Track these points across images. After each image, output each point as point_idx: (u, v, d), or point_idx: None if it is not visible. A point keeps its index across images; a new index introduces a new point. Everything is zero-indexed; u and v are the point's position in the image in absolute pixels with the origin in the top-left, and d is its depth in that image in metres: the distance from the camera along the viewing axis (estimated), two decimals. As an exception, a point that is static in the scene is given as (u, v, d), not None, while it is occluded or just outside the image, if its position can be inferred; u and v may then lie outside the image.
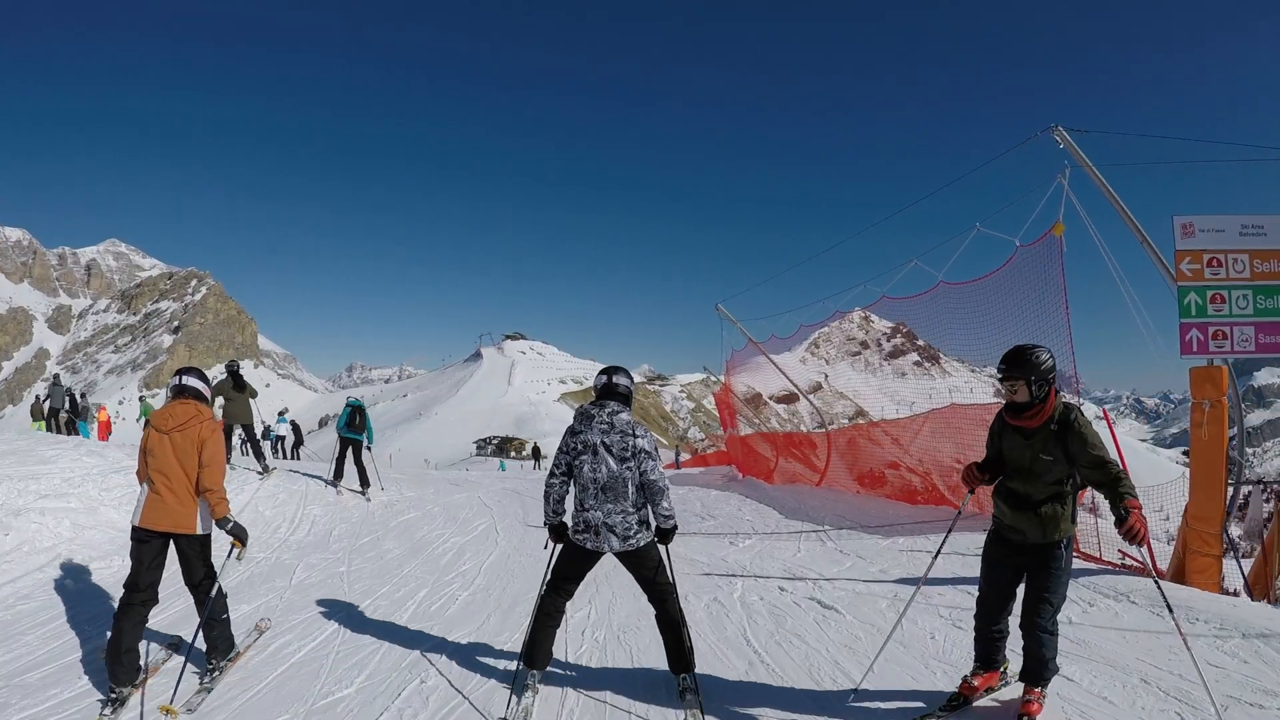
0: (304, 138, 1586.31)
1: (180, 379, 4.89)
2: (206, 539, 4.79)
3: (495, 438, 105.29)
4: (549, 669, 4.78)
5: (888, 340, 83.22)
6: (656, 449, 4.48)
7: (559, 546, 4.66)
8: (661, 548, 4.64)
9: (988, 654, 4.53)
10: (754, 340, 17.73)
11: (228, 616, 4.94)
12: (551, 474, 4.54)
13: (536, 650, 4.46)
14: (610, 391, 4.56)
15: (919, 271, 11.85)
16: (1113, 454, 4.38)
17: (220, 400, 12.62)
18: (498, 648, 5.47)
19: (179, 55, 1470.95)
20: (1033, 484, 4.18)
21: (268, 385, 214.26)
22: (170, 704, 4.27)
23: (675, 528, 4.60)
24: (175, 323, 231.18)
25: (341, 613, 6.28)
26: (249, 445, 12.98)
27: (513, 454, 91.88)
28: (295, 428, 26.41)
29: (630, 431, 4.36)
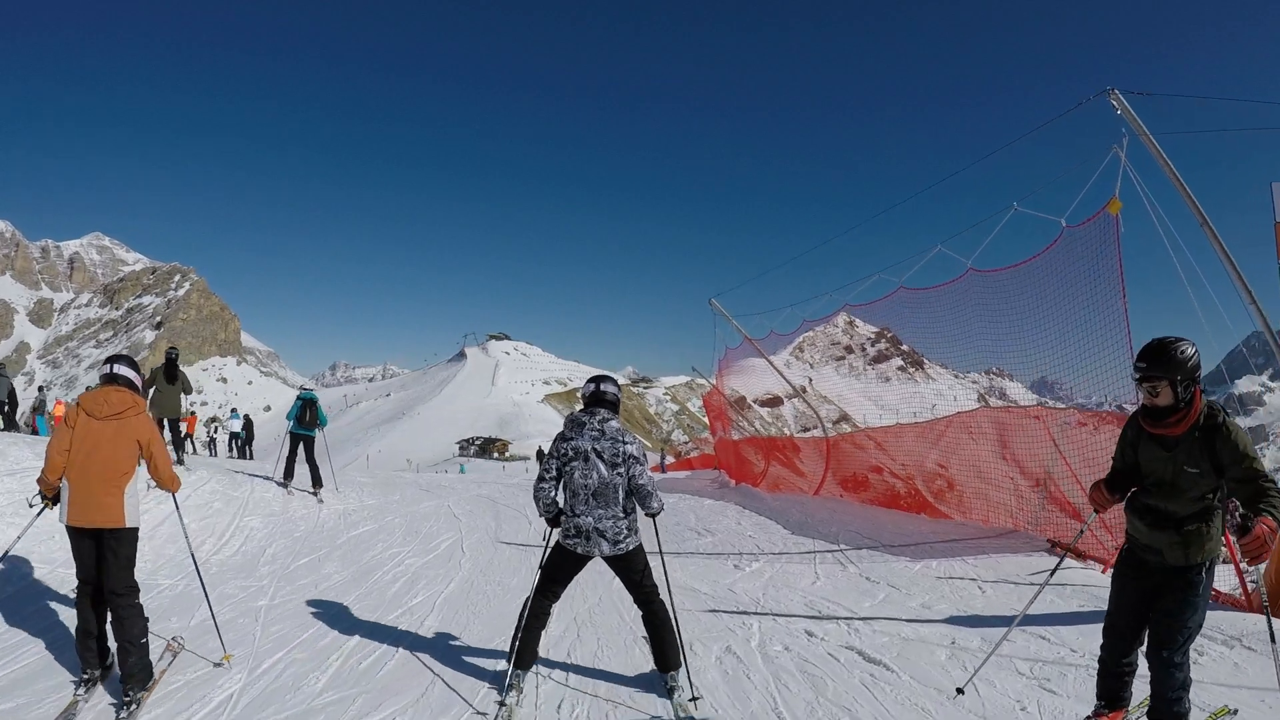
0: (290, 136, 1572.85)
1: (112, 367, 4.59)
2: (135, 534, 4.45)
3: (478, 438, 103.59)
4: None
5: (872, 345, 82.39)
6: (645, 455, 4.51)
7: (550, 549, 4.63)
8: (647, 549, 4.63)
9: (1114, 690, 3.90)
10: (749, 337, 16.32)
11: (147, 641, 4.37)
12: (541, 478, 4.50)
13: (523, 651, 4.39)
14: (599, 399, 4.54)
15: (945, 260, 10.44)
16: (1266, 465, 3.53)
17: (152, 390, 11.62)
18: (442, 731, 3.93)
19: (165, 52, 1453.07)
20: (1176, 500, 3.54)
21: (250, 383, 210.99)
22: None
23: (662, 507, 4.58)
24: (158, 318, 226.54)
25: (238, 673, 4.67)
26: (171, 435, 11.84)
27: (495, 455, 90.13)
28: (248, 424, 24.81)
29: (620, 438, 4.39)
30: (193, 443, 28.23)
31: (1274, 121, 7.91)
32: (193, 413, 32.50)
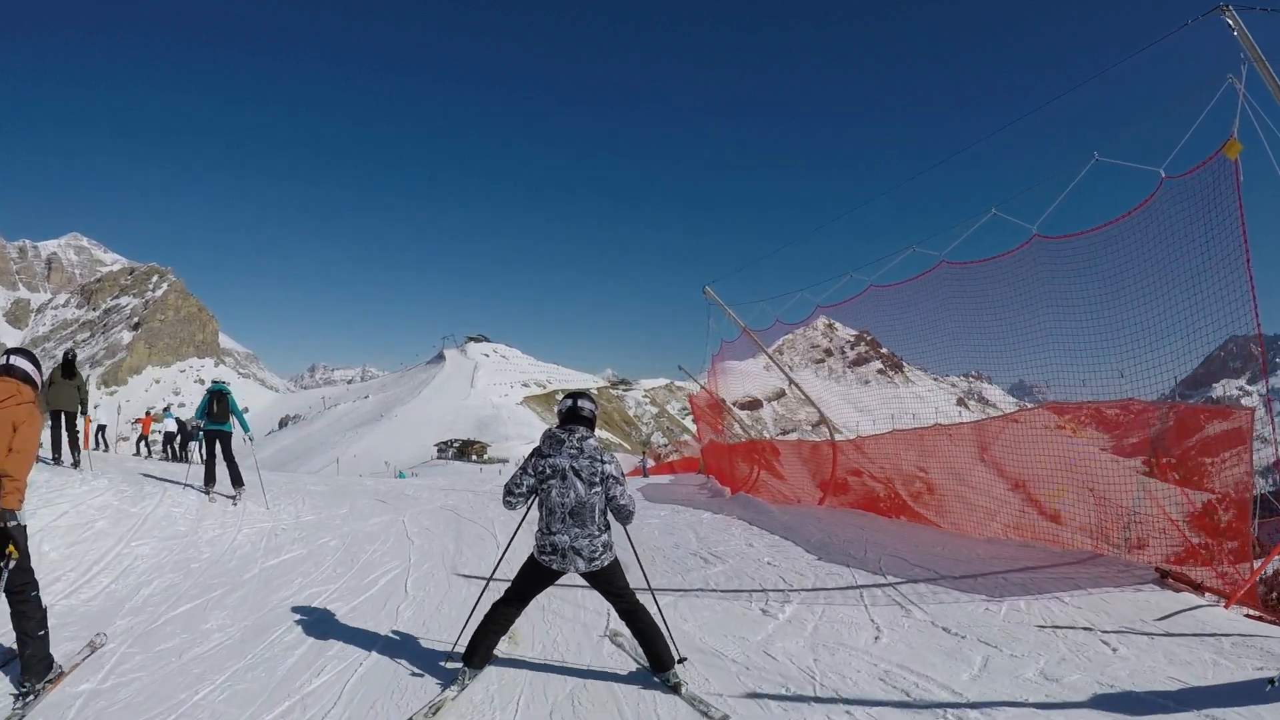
0: (270, 136, 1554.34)
1: (8, 358, 4.27)
2: (21, 530, 4.00)
3: (456, 441, 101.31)
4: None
5: (851, 348, 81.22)
6: (623, 474, 4.30)
7: (526, 563, 4.30)
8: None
9: None
10: (747, 329, 14.38)
11: (45, 633, 4.13)
12: (511, 491, 4.23)
13: (476, 652, 4.20)
14: (575, 415, 4.32)
15: (1000, 226, 8.54)
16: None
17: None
18: None
19: (145, 51, 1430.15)
20: None
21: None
22: None
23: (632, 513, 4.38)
24: (135, 319, 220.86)
25: None
26: (66, 434, 10.74)
27: (473, 457, 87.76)
28: (181, 425, 22.54)
29: (599, 457, 4.21)
30: (147, 445, 25.92)
31: None
32: (149, 413, 30.01)
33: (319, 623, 5.33)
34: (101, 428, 24.90)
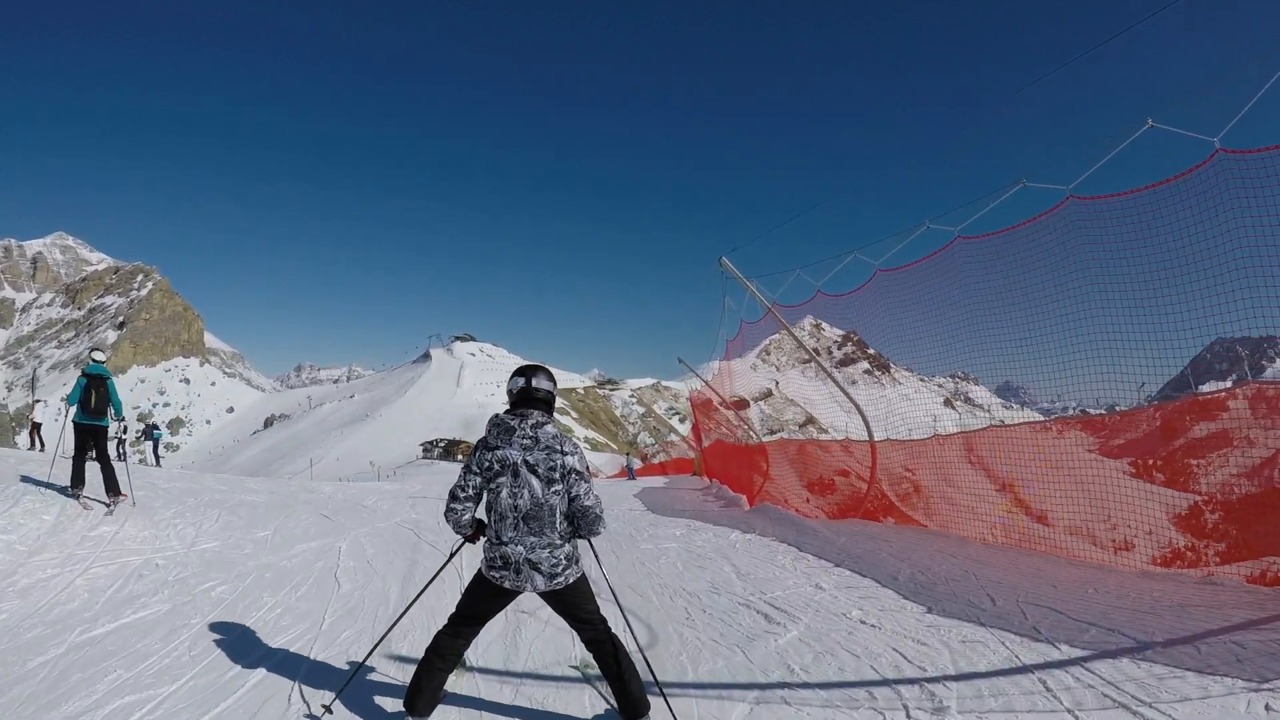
0: (257, 135, 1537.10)
1: None
2: None
3: (442, 440, 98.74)
4: None
5: (838, 348, 79.12)
6: (588, 468, 3.42)
7: (473, 580, 3.45)
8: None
9: None
10: (770, 306, 11.86)
11: None
12: (455, 496, 3.32)
13: (419, 696, 3.30)
14: (529, 397, 3.40)
15: (1148, 149, 6.13)
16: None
17: None
18: None
19: (131, 50, 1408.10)
20: None
21: (213, 384, 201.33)
22: None
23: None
24: (120, 318, 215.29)
25: None
26: None
27: (458, 457, 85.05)
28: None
29: (558, 448, 3.30)
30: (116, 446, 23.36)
31: None
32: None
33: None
34: (36, 425, 22.37)
